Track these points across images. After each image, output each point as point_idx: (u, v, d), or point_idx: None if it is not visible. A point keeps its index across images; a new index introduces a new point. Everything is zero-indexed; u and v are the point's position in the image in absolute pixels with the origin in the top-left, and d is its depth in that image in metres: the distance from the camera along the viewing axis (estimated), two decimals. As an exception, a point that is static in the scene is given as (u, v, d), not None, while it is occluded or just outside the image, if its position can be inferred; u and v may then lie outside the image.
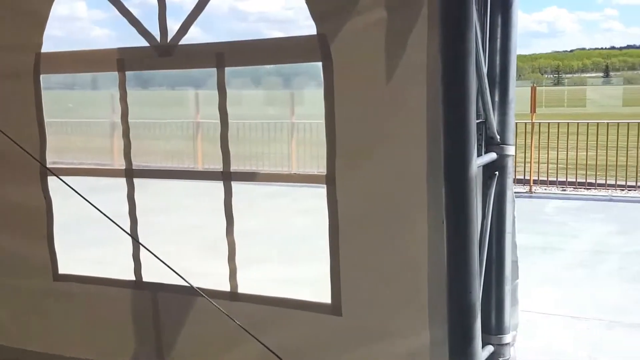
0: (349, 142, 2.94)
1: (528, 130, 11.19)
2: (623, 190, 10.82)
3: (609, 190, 10.84)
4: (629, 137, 10.69)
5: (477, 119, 2.76)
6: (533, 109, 10.97)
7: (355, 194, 2.97)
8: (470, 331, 2.50)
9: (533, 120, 11.02)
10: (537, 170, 11.42)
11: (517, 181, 11.56)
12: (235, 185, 3.30)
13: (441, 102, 2.41)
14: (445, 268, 2.55)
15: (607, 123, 11.30)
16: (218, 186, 3.41)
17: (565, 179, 11.20)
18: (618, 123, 11.09)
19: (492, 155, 2.77)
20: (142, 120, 14.36)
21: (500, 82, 2.76)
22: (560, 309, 5.76)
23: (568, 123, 11.47)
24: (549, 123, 11.64)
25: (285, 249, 7.51)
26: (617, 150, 10.83)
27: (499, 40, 2.72)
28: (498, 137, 2.77)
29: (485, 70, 2.68)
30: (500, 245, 2.87)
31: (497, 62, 2.74)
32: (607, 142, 11.09)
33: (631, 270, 6.72)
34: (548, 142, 11.54)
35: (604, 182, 11.10)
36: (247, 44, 3.18)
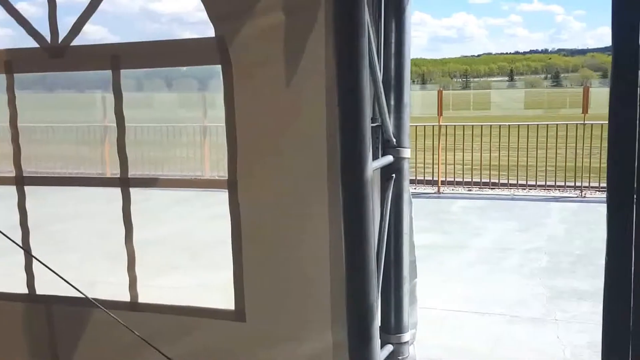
0: (250, 146, 2.93)
1: (435, 132, 11.49)
2: (524, 189, 11.26)
3: (512, 190, 11.26)
4: (529, 139, 11.14)
5: (373, 123, 2.81)
6: (440, 112, 11.26)
7: (258, 197, 2.95)
8: (369, 331, 2.53)
9: (440, 123, 11.32)
10: (446, 172, 11.75)
11: (426, 182, 11.88)
12: (147, 191, 3.23)
13: (337, 105, 2.44)
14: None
15: (509, 125, 11.74)
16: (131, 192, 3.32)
17: (471, 180, 11.55)
18: (519, 125, 11.55)
19: (389, 158, 2.82)
20: (48, 125, 13.87)
21: (395, 86, 2.82)
22: (465, 305, 5.93)
23: (473, 125, 11.85)
24: (455, 126, 11.98)
25: (197, 255, 7.42)
26: (518, 151, 11.28)
27: (393, 46, 2.77)
28: (394, 140, 2.82)
29: (380, 74, 2.73)
30: (398, 245, 2.92)
31: (392, 66, 2.79)
32: (508, 143, 11.52)
33: (530, 266, 7.00)
34: (454, 144, 11.87)
35: (507, 181, 11.54)
36: (144, 45, 3.11)
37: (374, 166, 2.62)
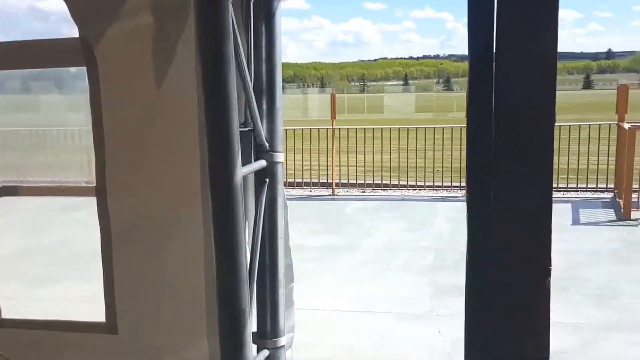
0: (120, 151, 2.84)
1: (329, 135, 11.62)
2: (415, 189, 11.56)
3: (403, 190, 11.54)
4: (417, 140, 11.45)
5: (245, 128, 2.79)
6: (333, 115, 11.39)
7: (129, 204, 2.87)
8: (241, 337, 2.51)
9: (333, 126, 11.45)
10: (340, 174, 11.90)
11: (321, 184, 11.98)
12: (32, 199, 3.07)
13: (203, 110, 2.41)
14: (221, 276, 2.54)
15: (399, 128, 12.02)
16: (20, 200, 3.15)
17: (364, 181, 11.74)
18: (408, 128, 11.87)
19: (262, 163, 2.80)
20: None
21: (267, 90, 2.80)
22: (355, 305, 6.03)
23: (365, 128, 12.07)
24: (347, 128, 12.15)
25: (80, 265, 7.15)
26: (407, 153, 11.57)
27: (263, 50, 2.76)
28: (267, 144, 2.81)
29: (250, 79, 2.71)
30: (273, 250, 2.91)
31: (263, 71, 2.78)
32: (398, 145, 11.78)
33: (418, 264, 7.19)
34: (348, 146, 12.04)
35: (397, 183, 11.81)
36: (5, 46, 2.96)
37: (245, 171, 2.60)
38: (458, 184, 11.41)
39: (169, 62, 2.72)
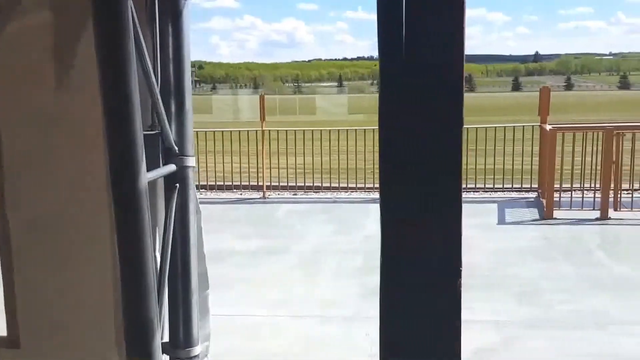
0: (19, 154, 2.70)
1: (259, 137, 11.52)
2: (347, 191, 11.58)
3: (335, 193, 11.55)
4: (348, 142, 11.48)
5: (152, 131, 2.70)
6: (262, 117, 11.30)
7: (30, 211, 2.73)
8: (149, 348, 2.42)
9: (263, 128, 11.36)
10: (270, 176, 11.84)
11: (252, 187, 11.87)
12: None
13: (103, 113, 2.31)
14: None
15: (329, 130, 12.02)
16: None
17: (295, 184, 11.71)
18: (339, 130, 11.89)
19: (171, 167, 2.71)
20: None
21: (175, 92, 2.72)
22: (282, 310, 5.96)
23: (295, 130, 12.03)
24: (278, 130, 12.09)
25: None
26: (338, 155, 11.59)
27: (170, 50, 2.67)
28: (176, 148, 2.72)
29: (157, 80, 2.62)
30: (185, 257, 2.83)
31: (171, 72, 2.69)
32: (330, 147, 11.79)
33: (347, 266, 7.19)
34: (278, 148, 11.99)
35: (329, 185, 11.82)
36: None
37: (151, 176, 2.50)
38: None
39: (70, 60, 2.61)
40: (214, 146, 12.00)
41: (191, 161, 2.81)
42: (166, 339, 2.85)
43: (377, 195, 11.33)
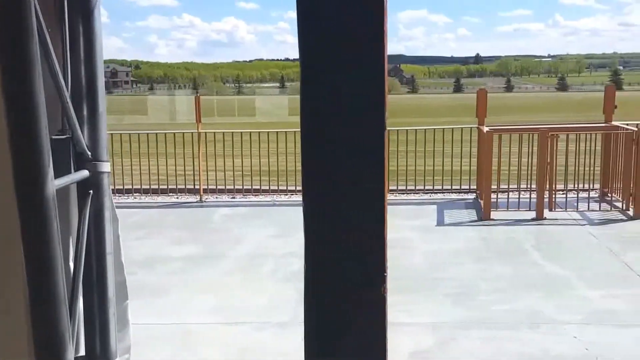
0: None
1: (195, 139, 11.33)
2: (286, 194, 11.50)
3: (274, 195, 11.44)
4: (287, 144, 11.40)
5: (62, 135, 2.56)
6: (198, 119, 11.12)
7: None
8: (59, 364, 2.28)
9: (199, 130, 11.18)
10: (207, 179, 11.66)
11: (189, 191, 11.66)
12: None
13: (6, 117, 2.16)
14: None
15: (268, 132, 11.91)
16: None
17: (233, 187, 11.55)
18: (277, 132, 11.80)
19: (84, 173, 2.58)
20: None
21: (87, 94, 2.58)
22: (217, 317, 5.83)
23: (232, 132, 11.88)
24: (214, 132, 11.92)
25: None
26: (277, 157, 11.50)
27: (82, 52, 2.54)
28: (89, 153, 2.59)
29: (67, 82, 2.49)
30: (101, 267, 2.69)
31: (82, 74, 2.56)
32: (268, 148, 11.69)
33: (284, 271, 7.09)
34: (215, 151, 11.82)
35: (269, 187, 11.70)
36: None
37: (60, 182, 2.37)
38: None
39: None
40: (147, 148, 11.75)
41: (106, 167, 2.68)
42: (83, 352, 2.71)
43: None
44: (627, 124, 9.88)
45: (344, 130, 2.21)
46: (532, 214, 9.07)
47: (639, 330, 5.11)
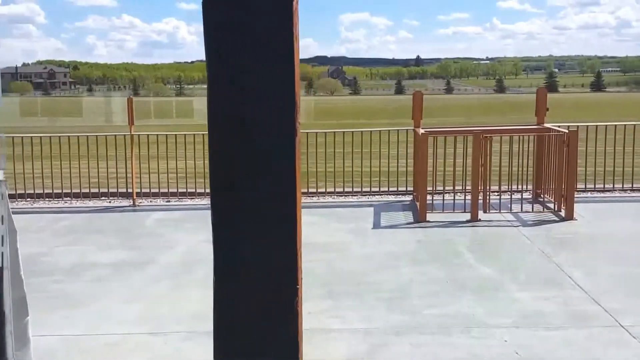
0: None
1: (128, 142, 11.02)
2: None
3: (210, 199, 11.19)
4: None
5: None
6: (131, 121, 10.81)
7: None
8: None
9: (132, 132, 10.87)
10: (140, 182, 11.37)
11: (121, 195, 11.33)
12: None
13: None
14: None
15: (203, 134, 11.65)
16: None
17: (168, 190, 11.28)
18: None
19: (-25, 181, 2.37)
20: None
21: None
22: (143, 326, 5.61)
23: (167, 135, 11.61)
24: (148, 135, 11.62)
25: None
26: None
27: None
28: (-21, 159, 2.38)
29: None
30: (-4, 282, 2.48)
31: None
32: (203, 151, 11.43)
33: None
34: (149, 153, 11.53)
35: (204, 190, 11.46)
36: None
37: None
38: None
39: None
40: (78, 151, 11.39)
41: (-1, 174, 2.47)
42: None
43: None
44: (559, 126, 10.05)
45: (253, 133, 2.07)
46: (467, 216, 9.12)
47: (568, 333, 5.12)
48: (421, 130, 9.76)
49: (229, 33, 1.96)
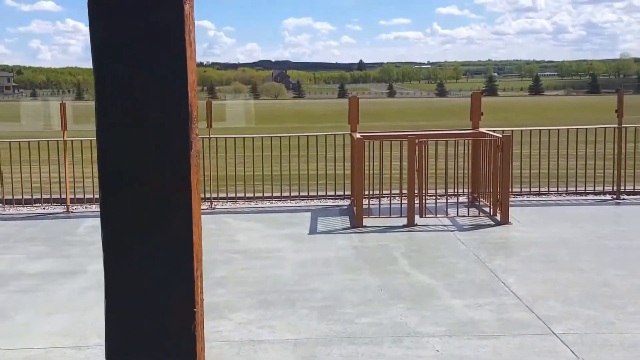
0: None
1: (61, 147, 10.70)
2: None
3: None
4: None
5: None
6: (64, 127, 10.50)
7: None
8: None
9: (65, 138, 10.53)
10: (81, 188, 11.08)
11: (54, 201, 10.96)
12: None
13: None
14: None
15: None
16: None
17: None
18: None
19: None
20: None
21: None
22: (66, 340, 5.36)
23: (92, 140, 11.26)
24: (81, 140, 11.26)
25: None
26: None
27: None
28: None
29: None
30: None
31: None
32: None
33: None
34: (82, 158, 11.16)
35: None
36: None
37: None
38: (205, 196, 11.13)
39: None
40: (10, 156, 10.98)
41: None
42: None
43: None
44: (495, 131, 10.15)
45: (142, 137, 1.93)
46: (404, 220, 9.10)
47: (499, 342, 5.09)
48: (357, 135, 9.71)
49: (116, 38, 1.80)
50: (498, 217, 9.19)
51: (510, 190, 9.46)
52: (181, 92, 1.73)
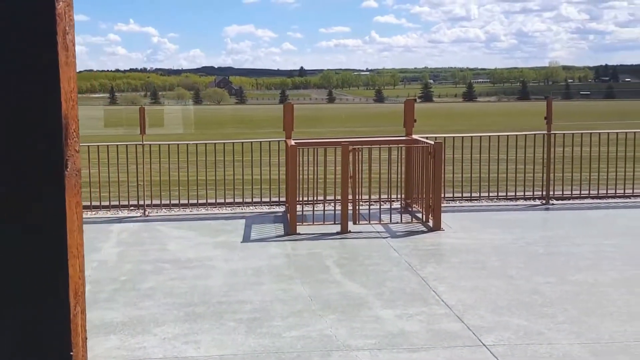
0: None
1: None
2: (92, 211, 10.61)
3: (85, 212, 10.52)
4: (100, 155, 10.63)
5: None
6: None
7: None
8: None
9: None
10: None
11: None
12: None
13: None
14: None
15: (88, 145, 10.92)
16: None
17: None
18: (89, 145, 10.91)
19: None
20: None
21: None
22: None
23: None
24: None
25: None
26: (89, 169, 10.64)
27: None
28: None
29: None
30: None
31: None
32: (89, 160, 10.74)
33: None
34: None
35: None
36: None
37: None
38: (138, 203, 10.84)
39: None
40: None
41: None
42: None
43: (126, 213, 10.55)
44: (427, 137, 10.16)
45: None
46: (338, 227, 9.01)
47: (428, 355, 5.00)
48: (292, 142, 9.57)
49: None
50: (430, 224, 9.19)
51: (442, 195, 9.48)
52: (51, 103, 1.55)
